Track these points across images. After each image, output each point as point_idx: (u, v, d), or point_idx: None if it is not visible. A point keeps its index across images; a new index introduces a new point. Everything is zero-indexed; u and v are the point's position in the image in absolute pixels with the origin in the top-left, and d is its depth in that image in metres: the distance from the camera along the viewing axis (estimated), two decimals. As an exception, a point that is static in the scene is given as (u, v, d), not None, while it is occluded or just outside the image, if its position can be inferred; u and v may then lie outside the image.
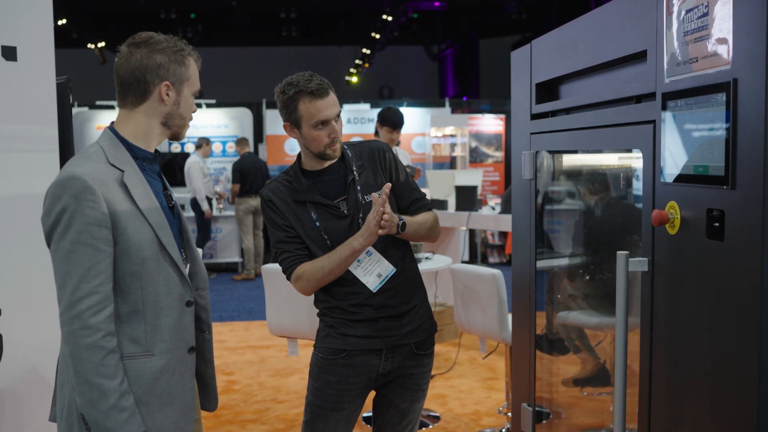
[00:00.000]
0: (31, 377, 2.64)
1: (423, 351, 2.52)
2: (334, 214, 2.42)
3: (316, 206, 2.42)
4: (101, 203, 1.78)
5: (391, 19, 14.92)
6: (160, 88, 1.92)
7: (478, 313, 3.89)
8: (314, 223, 2.42)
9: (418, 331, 2.49)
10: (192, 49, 2.00)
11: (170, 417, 1.91)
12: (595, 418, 2.60)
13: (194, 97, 2.02)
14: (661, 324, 1.64)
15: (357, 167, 2.47)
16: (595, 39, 1.97)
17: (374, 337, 2.42)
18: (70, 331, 1.75)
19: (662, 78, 1.61)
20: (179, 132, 2.01)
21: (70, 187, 1.77)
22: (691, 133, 1.50)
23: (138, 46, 1.92)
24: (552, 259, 2.55)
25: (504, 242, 10.50)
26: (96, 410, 1.76)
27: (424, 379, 2.56)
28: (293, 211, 2.43)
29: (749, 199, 1.34)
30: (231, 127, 11.52)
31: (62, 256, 1.76)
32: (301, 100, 2.36)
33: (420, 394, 2.56)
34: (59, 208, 1.76)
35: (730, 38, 1.38)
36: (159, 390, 1.89)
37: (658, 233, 1.64)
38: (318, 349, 2.50)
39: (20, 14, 2.59)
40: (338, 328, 2.44)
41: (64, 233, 1.76)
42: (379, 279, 2.42)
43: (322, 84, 2.37)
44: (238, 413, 4.51)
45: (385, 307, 2.42)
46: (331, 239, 2.41)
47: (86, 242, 1.76)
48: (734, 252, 1.39)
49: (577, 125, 2.07)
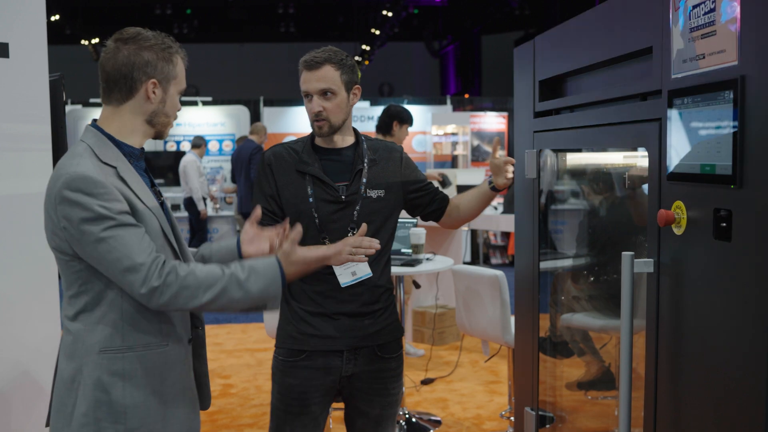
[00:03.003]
0: (22, 381, 2.61)
1: (388, 354, 2.48)
2: (330, 196, 2.38)
3: (315, 181, 2.39)
4: (116, 194, 1.78)
5: (391, 15, 14.93)
6: (147, 86, 1.89)
7: (480, 315, 3.87)
8: (308, 198, 2.38)
9: (380, 333, 2.45)
10: (179, 47, 1.98)
11: (182, 408, 1.94)
12: (599, 423, 2.59)
13: (180, 96, 1.99)
14: (668, 326, 1.63)
15: (369, 160, 2.45)
16: (600, 35, 1.95)
17: (334, 338, 2.39)
18: (160, 301, 1.76)
19: (668, 75, 1.60)
20: (163, 131, 1.99)
21: (80, 186, 1.74)
22: (698, 131, 1.49)
23: (125, 42, 1.89)
24: (556, 260, 2.54)
25: (507, 243, 10.47)
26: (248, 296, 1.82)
27: (392, 384, 2.51)
28: (290, 180, 2.40)
29: (757, 199, 1.33)
30: (227, 125, 11.51)
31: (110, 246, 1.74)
32: (300, 69, 2.41)
33: (390, 400, 2.51)
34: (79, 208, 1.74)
35: (738, 34, 1.37)
36: (172, 380, 1.90)
37: (664, 233, 1.62)
38: (278, 351, 2.47)
39: (13, 10, 2.58)
40: (297, 325, 2.41)
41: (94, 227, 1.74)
42: (352, 277, 2.39)
43: (317, 57, 2.38)
44: (235, 417, 4.48)
45: (348, 303, 2.39)
46: (321, 220, 2.37)
47: (125, 223, 1.76)
48: (742, 253, 1.37)
49: (582, 123, 2.06)
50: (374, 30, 16.21)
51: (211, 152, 11.18)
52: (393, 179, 2.47)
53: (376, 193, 2.43)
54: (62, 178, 1.77)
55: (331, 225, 2.37)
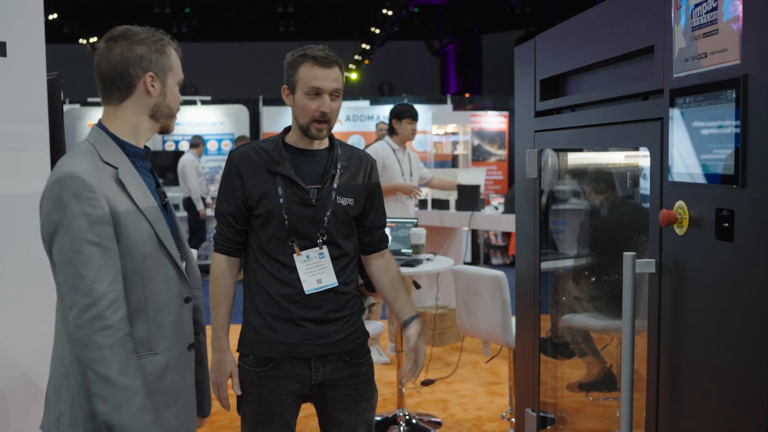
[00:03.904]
0: (19, 383, 2.60)
1: (357, 360, 2.43)
2: (300, 198, 2.32)
3: (285, 182, 2.32)
4: (102, 201, 1.75)
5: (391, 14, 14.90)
6: (144, 80, 1.88)
7: (480, 316, 3.86)
8: (278, 199, 2.31)
9: (347, 339, 2.39)
10: (171, 38, 1.96)
11: (175, 415, 1.91)
12: (601, 424, 2.59)
13: (179, 87, 1.98)
14: (669, 327, 1.62)
15: (341, 167, 2.39)
16: (601, 34, 1.95)
17: (301, 345, 2.33)
18: (91, 333, 1.70)
19: (670, 74, 1.60)
20: (168, 124, 1.97)
21: (68, 185, 1.73)
22: (700, 131, 1.49)
23: (116, 40, 1.88)
24: (557, 261, 2.55)
25: (507, 243, 10.47)
26: (126, 412, 1.71)
27: (365, 388, 2.46)
28: (259, 181, 2.33)
29: (760, 199, 1.32)
30: (226, 125, 11.47)
31: (69, 258, 1.72)
32: (303, 63, 2.29)
33: (365, 405, 2.46)
34: (60, 208, 1.72)
35: (740, 33, 1.36)
36: (164, 389, 1.87)
37: (665, 234, 1.62)
38: (243, 359, 2.40)
39: (10, 9, 2.57)
40: (261, 332, 2.35)
41: (68, 234, 1.72)
42: (317, 285, 2.33)
43: (330, 55, 2.31)
44: (233, 419, 4.46)
45: (315, 309, 2.33)
46: (291, 222, 2.31)
47: (93, 241, 1.72)
48: (744, 253, 1.37)
49: (583, 123, 2.05)
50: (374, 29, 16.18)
51: (209, 152, 11.14)
52: (360, 190, 2.42)
53: (346, 201, 2.37)
54: (55, 174, 1.77)
55: (300, 228, 2.32)
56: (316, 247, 2.33)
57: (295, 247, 2.31)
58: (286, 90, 2.36)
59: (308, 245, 2.33)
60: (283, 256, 2.32)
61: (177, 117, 2.01)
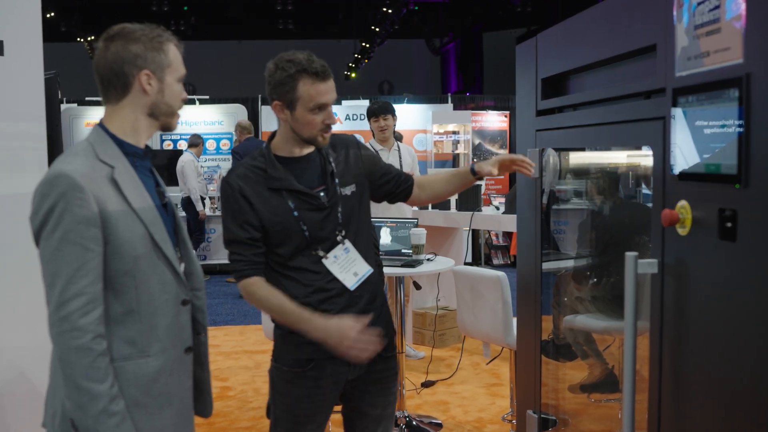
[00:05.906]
0: (18, 382, 2.60)
1: (388, 353, 2.46)
2: (312, 204, 2.32)
3: (293, 195, 2.31)
4: (90, 201, 1.75)
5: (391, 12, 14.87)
6: (140, 78, 1.87)
7: (481, 317, 3.85)
8: (292, 212, 2.29)
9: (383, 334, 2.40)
10: (171, 35, 1.95)
11: (169, 419, 1.90)
12: (602, 426, 2.58)
13: (181, 83, 1.96)
14: (672, 328, 1.62)
15: (333, 159, 2.40)
16: (603, 32, 1.94)
17: None
18: (59, 332, 1.72)
19: (672, 73, 1.59)
20: (168, 122, 1.95)
21: (58, 184, 1.73)
22: (703, 130, 1.48)
23: (112, 39, 1.87)
24: (558, 261, 2.55)
25: (508, 243, 10.47)
26: (86, 415, 1.73)
27: (392, 382, 2.51)
28: (266, 201, 2.30)
29: (763, 199, 1.31)
30: (225, 124, 11.45)
31: (50, 256, 1.74)
32: (302, 80, 2.22)
33: (391, 399, 2.52)
34: (47, 206, 1.73)
35: (743, 32, 1.35)
36: (157, 391, 1.86)
37: (668, 234, 1.61)
38: (280, 362, 2.40)
39: (8, 7, 2.56)
40: (301, 335, 2.30)
41: (52, 232, 1.73)
42: (356, 277, 2.35)
43: (325, 67, 2.28)
44: (233, 420, 4.46)
45: (353, 305, 2.34)
46: (310, 230, 2.31)
47: (74, 241, 1.73)
48: (747, 253, 1.36)
49: (585, 122, 2.05)
50: (374, 27, 16.17)
51: (208, 151, 11.12)
52: (357, 171, 2.43)
53: (350, 190, 2.39)
54: (48, 173, 1.78)
55: (319, 233, 2.32)
56: (339, 245, 2.34)
57: (320, 253, 2.32)
58: (280, 106, 2.29)
59: (331, 246, 2.34)
60: (309, 264, 2.32)
61: (179, 114, 1.98)
